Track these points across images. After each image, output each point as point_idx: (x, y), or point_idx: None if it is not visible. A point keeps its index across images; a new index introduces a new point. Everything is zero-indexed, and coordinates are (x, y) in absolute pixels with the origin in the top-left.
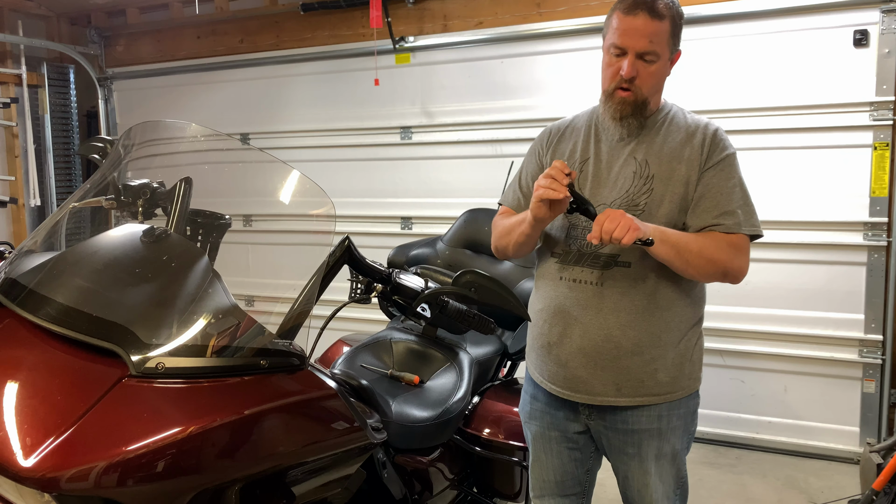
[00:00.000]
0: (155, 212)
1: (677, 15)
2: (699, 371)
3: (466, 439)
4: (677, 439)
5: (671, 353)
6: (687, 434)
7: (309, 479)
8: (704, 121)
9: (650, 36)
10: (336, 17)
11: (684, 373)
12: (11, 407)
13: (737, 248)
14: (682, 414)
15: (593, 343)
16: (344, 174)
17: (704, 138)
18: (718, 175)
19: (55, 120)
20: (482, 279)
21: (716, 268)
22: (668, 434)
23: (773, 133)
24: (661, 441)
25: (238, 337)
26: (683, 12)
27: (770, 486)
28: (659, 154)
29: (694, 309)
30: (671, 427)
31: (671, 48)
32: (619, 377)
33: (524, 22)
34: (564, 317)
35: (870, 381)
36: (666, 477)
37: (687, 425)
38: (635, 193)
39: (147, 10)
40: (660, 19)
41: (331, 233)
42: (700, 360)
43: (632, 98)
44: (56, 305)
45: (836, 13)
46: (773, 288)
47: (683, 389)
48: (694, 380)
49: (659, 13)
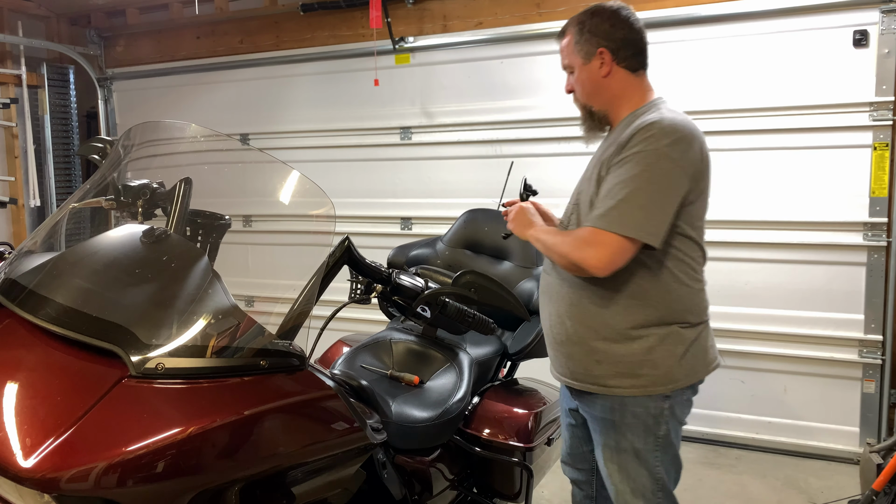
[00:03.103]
0: (155, 212)
1: (578, 22)
2: (669, 375)
3: (466, 440)
4: (636, 437)
5: (619, 350)
6: (652, 436)
7: (309, 479)
8: (651, 120)
9: (562, 53)
10: (336, 17)
11: (640, 373)
12: (11, 407)
13: (583, 241)
14: (638, 413)
15: (550, 326)
16: (344, 174)
17: (629, 137)
18: (615, 171)
19: (55, 120)
20: (482, 280)
21: (565, 261)
22: (623, 429)
23: (773, 133)
24: (617, 434)
25: (238, 337)
26: (594, 11)
27: (770, 487)
28: (600, 157)
29: (648, 311)
30: (626, 423)
31: (583, 54)
32: (569, 362)
33: (524, 22)
34: (541, 302)
35: (870, 382)
36: (634, 474)
37: (649, 426)
38: (578, 195)
39: (147, 10)
40: (563, 37)
41: (331, 233)
42: (671, 365)
43: (577, 104)
44: (56, 306)
45: (835, 13)
46: (773, 288)
47: (638, 388)
48: (656, 383)
49: (562, 32)
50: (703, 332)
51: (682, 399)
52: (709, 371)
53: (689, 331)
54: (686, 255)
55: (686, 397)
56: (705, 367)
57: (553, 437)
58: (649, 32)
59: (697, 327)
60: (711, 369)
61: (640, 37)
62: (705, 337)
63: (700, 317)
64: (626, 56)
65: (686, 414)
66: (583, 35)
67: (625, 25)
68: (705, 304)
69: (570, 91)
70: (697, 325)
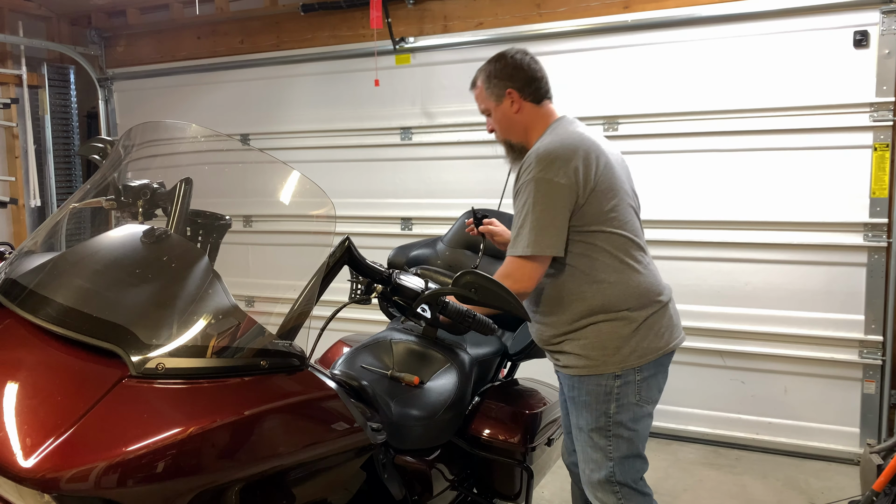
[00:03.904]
0: (155, 212)
1: (485, 71)
2: (617, 355)
3: (466, 440)
4: (590, 415)
5: (571, 339)
6: (603, 415)
7: (309, 479)
8: (531, 152)
9: (477, 101)
10: (336, 17)
11: (591, 354)
12: (11, 407)
13: (504, 272)
14: (591, 390)
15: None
16: (344, 175)
17: (519, 170)
18: (515, 201)
19: (55, 120)
20: (482, 280)
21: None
22: (580, 407)
23: (774, 134)
24: (577, 413)
25: (238, 337)
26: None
27: (770, 487)
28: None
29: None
30: (581, 401)
31: (494, 97)
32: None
33: (524, 23)
34: None
35: (870, 382)
36: (591, 454)
37: (600, 403)
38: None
39: (147, 10)
40: (474, 87)
41: (331, 233)
42: (619, 346)
43: (499, 141)
44: (56, 306)
45: (836, 14)
46: (773, 289)
47: (589, 368)
48: (607, 363)
49: (473, 83)
50: (655, 315)
51: (638, 378)
52: (664, 351)
53: (636, 313)
54: (606, 249)
55: (643, 376)
56: (657, 349)
57: (553, 438)
58: (650, 32)
59: (646, 309)
60: (668, 350)
61: (539, 74)
62: (657, 318)
63: (644, 299)
64: (530, 92)
65: (652, 393)
66: (491, 81)
67: (524, 67)
68: (650, 287)
69: (492, 130)
70: (646, 308)
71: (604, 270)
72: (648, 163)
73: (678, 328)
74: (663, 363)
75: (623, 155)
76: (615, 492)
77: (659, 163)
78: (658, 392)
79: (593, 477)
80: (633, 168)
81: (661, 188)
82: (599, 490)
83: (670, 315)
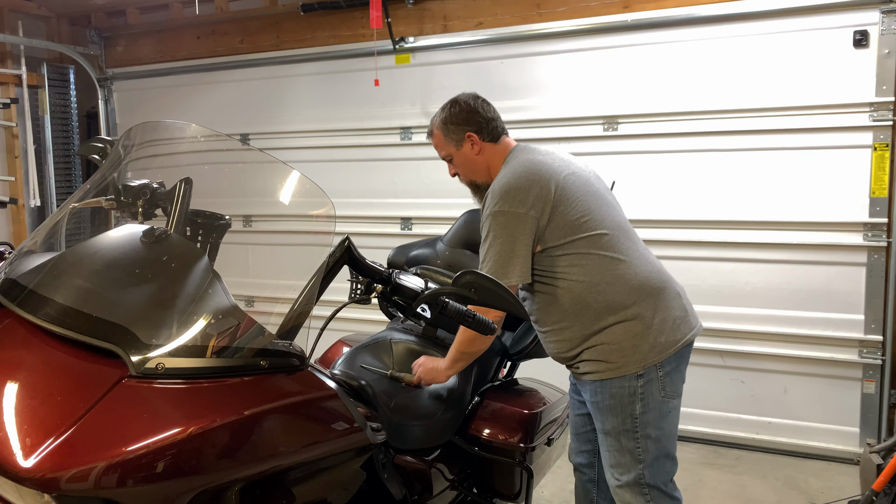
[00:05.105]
0: (155, 212)
1: (441, 119)
2: (637, 355)
3: (466, 440)
4: (616, 418)
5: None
6: (629, 417)
7: (309, 479)
8: (489, 190)
9: (437, 149)
10: (336, 17)
11: (610, 358)
12: (11, 407)
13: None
14: (615, 394)
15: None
16: (344, 175)
17: (482, 206)
18: (481, 236)
19: (55, 120)
20: (482, 280)
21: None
22: (605, 411)
23: (773, 134)
24: (602, 417)
25: (238, 337)
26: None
27: (770, 487)
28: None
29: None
30: (606, 405)
31: (454, 142)
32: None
33: (524, 22)
34: None
35: (870, 382)
36: (619, 457)
37: (625, 405)
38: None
39: (147, 10)
40: (431, 136)
41: (331, 233)
42: (637, 345)
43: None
44: (56, 306)
45: (835, 14)
46: (772, 289)
47: (611, 371)
48: (628, 364)
49: (430, 132)
50: (664, 306)
51: (661, 374)
52: (683, 343)
53: (643, 307)
54: (592, 252)
55: (665, 371)
56: (675, 342)
57: (553, 438)
58: (649, 32)
59: (652, 300)
60: (687, 341)
61: (492, 115)
62: (667, 310)
63: (647, 288)
64: (488, 132)
65: (676, 386)
66: (449, 128)
67: (478, 110)
68: (649, 275)
69: (455, 175)
70: (651, 298)
71: (597, 272)
72: (648, 163)
73: (693, 317)
74: (684, 354)
75: (622, 155)
76: (644, 494)
77: (659, 162)
78: (681, 383)
79: (622, 480)
80: (632, 168)
81: (660, 188)
82: (628, 493)
83: (682, 304)
